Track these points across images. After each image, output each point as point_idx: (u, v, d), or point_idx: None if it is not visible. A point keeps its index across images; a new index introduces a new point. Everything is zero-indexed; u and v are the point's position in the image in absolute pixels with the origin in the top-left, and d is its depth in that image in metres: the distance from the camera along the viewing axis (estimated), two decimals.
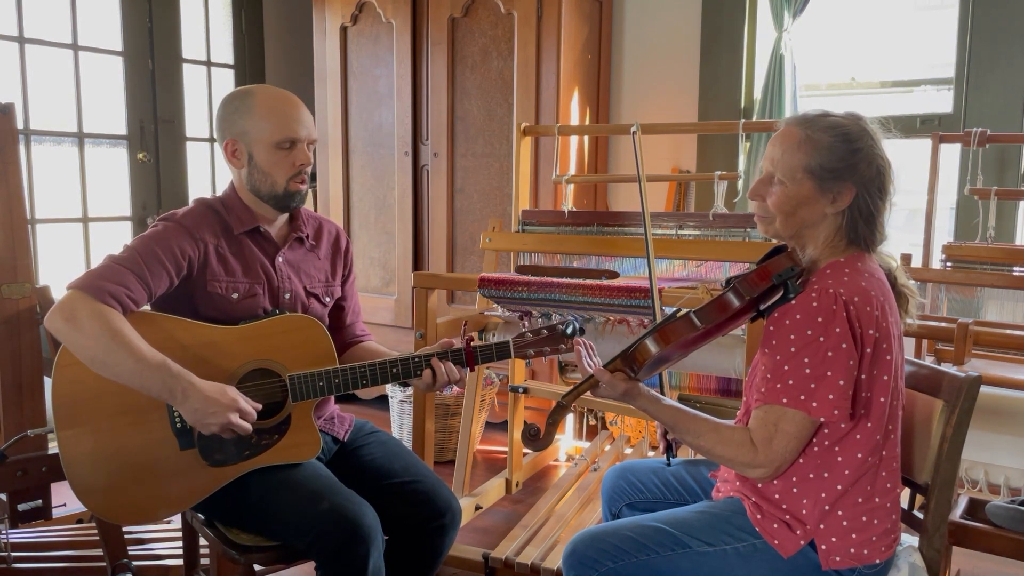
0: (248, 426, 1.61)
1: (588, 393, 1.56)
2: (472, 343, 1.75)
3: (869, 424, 1.42)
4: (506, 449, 3.16)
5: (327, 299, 1.91)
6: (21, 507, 2.26)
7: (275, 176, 1.76)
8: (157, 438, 1.65)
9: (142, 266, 1.63)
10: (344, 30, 3.95)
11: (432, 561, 1.83)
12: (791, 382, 1.39)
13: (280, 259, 1.83)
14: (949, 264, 2.88)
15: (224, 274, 1.74)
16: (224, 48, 4.27)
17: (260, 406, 1.63)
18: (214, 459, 1.67)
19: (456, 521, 1.83)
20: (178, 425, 1.65)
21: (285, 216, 1.87)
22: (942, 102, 3.39)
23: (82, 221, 3.70)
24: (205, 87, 4.17)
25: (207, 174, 4.23)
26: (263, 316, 1.76)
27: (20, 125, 3.13)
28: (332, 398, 1.94)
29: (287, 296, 1.82)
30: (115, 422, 1.63)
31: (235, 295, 1.75)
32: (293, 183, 1.76)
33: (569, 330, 1.74)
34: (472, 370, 1.78)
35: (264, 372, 1.71)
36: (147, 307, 1.70)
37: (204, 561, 2.07)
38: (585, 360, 1.54)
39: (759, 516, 1.47)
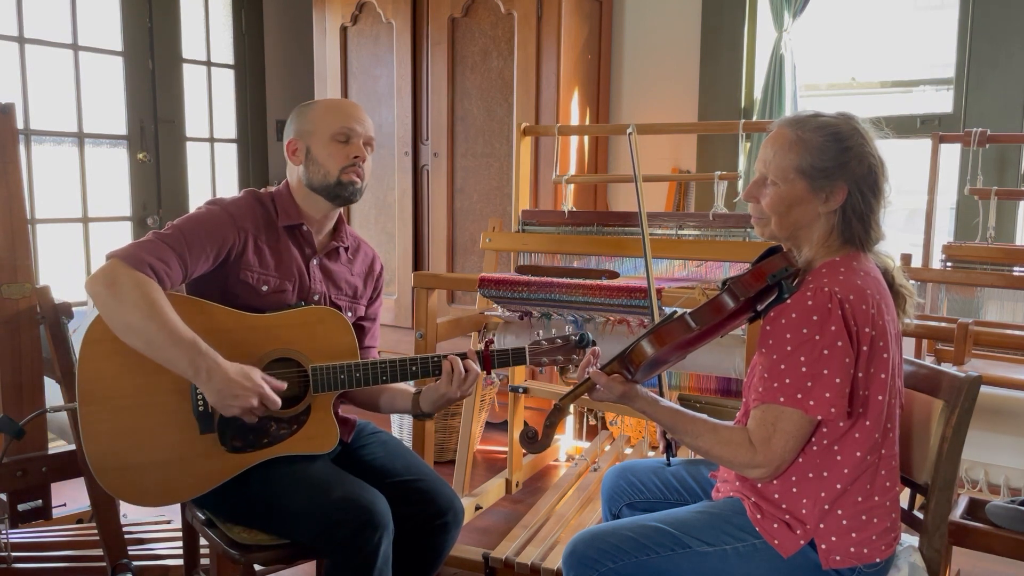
0: (276, 402, 1.61)
1: (586, 395, 1.56)
2: (490, 347, 1.77)
3: (867, 423, 1.43)
4: (506, 449, 3.16)
5: (349, 314, 1.92)
6: (21, 507, 2.26)
7: (329, 166, 1.80)
8: (178, 420, 1.66)
9: (184, 246, 1.66)
10: (344, 30, 3.95)
11: (434, 560, 1.83)
12: (788, 381, 1.39)
13: (315, 262, 1.85)
14: (949, 264, 2.88)
15: (258, 265, 1.77)
16: (224, 48, 4.27)
17: (285, 385, 1.65)
18: (232, 445, 1.68)
19: (458, 520, 1.84)
20: (200, 409, 1.66)
21: (331, 224, 1.90)
22: (942, 102, 3.39)
23: (82, 221, 3.70)
24: (205, 87, 4.17)
25: (207, 174, 4.23)
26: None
27: (20, 125, 3.13)
28: (340, 400, 1.96)
29: (316, 298, 1.85)
30: (137, 401, 1.64)
31: (264, 287, 1.77)
32: (346, 173, 1.80)
33: (583, 342, 1.77)
34: (488, 373, 1.80)
35: (287, 362, 1.72)
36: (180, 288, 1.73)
37: (204, 561, 2.07)
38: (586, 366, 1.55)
39: (759, 516, 1.47)
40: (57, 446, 2.26)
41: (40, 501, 2.29)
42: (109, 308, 1.58)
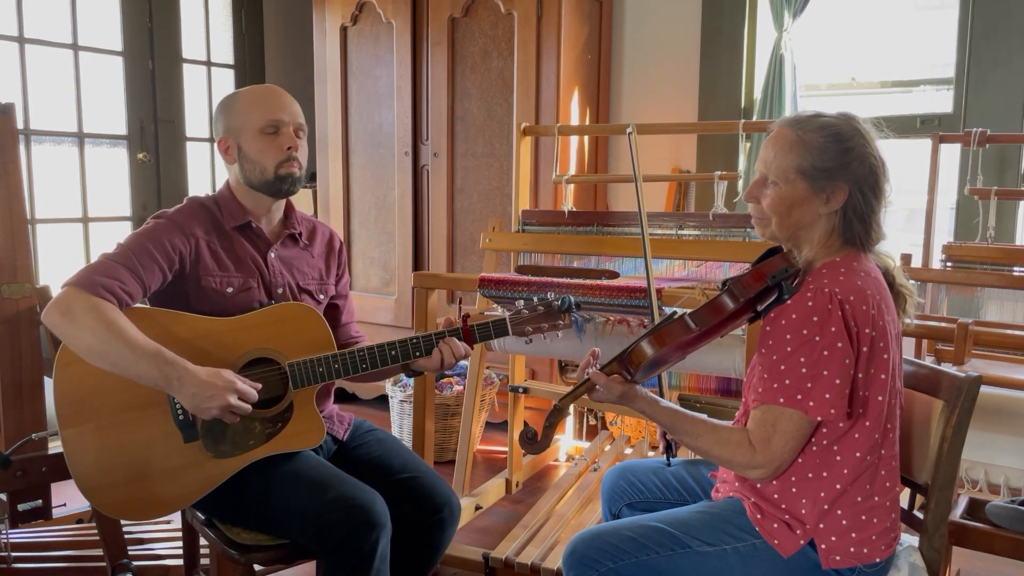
0: (247, 406, 1.61)
1: (586, 396, 1.56)
2: (469, 320, 1.76)
3: (867, 423, 1.43)
4: (506, 449, 3.16)
5: (321, 296, 1.92)
6: (21, 507, 2.26)
7: (264, 162, 1.78)
8: (161, 432, 1.65)
9: (134, 261, 1.65)
10: (344, 30, 3.95)
11: (431, 556, 1.84)
12: (788, 382, 1.39)
13: (272, 255, 1.85)
14: (949, 264, 2.88)
15: (217, 269, 1.76)
16: (224, 48, 4.27)
17: (260, 385, 1.64)
18: (219, 450, 1.67)
19: (455, 516, 1.84)
20: (181, 418, 1.65)
21: (279, 214, 1.89)
22: (942, 102, 3.39)
23: (82, 221, 3.70)
24: (205, 87, 4.17)
25: (207, 174, 4.23)
26: (258, 308, 1.78)
27: (20, 125, 3.13)
28: (332, 397, 1.96)
29: (280, 291, 1.84)
30: (118, 419, 1.63)
31: (229, 289, 1.76)
32: (283, 167, 1.78)
33: (565, 305, 1.74)
34: (471, 347, 1.79)
35: (263, 361, 1.72)
36: (145, 303, 1.72)
37: (204, 561, 2.07)
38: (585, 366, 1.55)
39: (759, 516, 1.47)
40: (57, 446, 2.26)
41: (40, 501, 2.29)
42: (68, 336, 1.58)
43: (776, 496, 1.47)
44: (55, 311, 1.58)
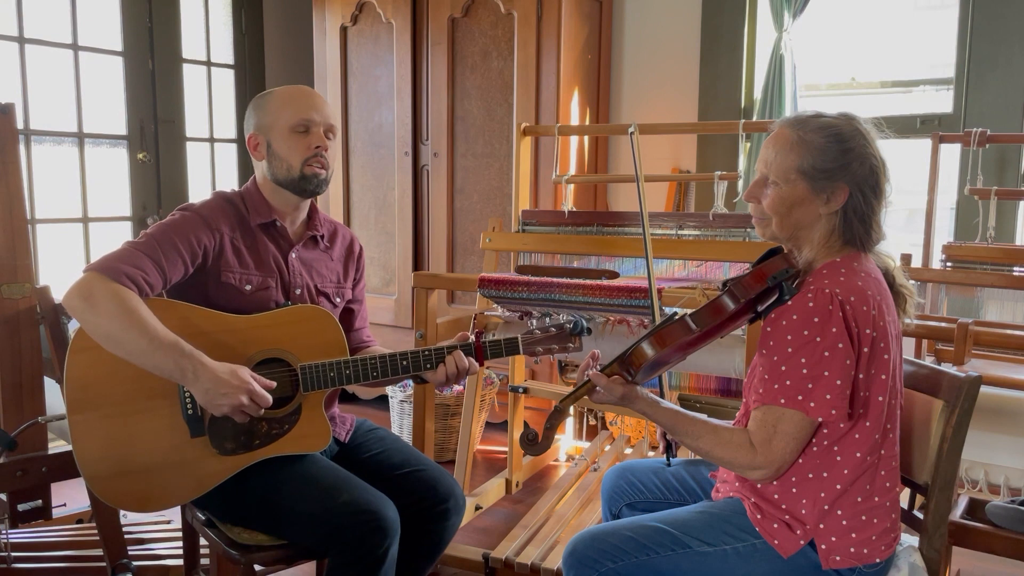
0: (266, 398, 1.60)
1: (587, 397, 1.56)
2: (483, 337, 1.76)
3: (868, 423, 1.43)
4: (506, 449, 3.16)
5: (337, 299, 1.92)
6: (21, 507, 2.26)
7: (291, 160, 1.78)
8: (168, 425, 1.65)
9: (158, 252, 1.65)
10: (344, 30, 3.95)
11: (435, 547, 1.84)
12: (788, 383, 1.39)
13: (293, 255, 1.85)
14: (949, 264, 2.88)
15: (238, 266, 1.76)
16: (224, 48, 4.27)
17: (274, 384, 1.64)
18: (224, 448, 1.67)
19: (459, 506, 1.84)
20: (189, 412, 1.65)
21: (303, 214, 1.89)
22: (942, 102, 3.39)
23: (82, 221, 3.70)
24: (205, 87, 4.17)
25: (207, 174, 4.22)
26: (275, 308, 1.78)
27: (20, 125, 3.13)
28: (337, 400, 1.95)
29: (298, 292, 1.84)
30: (126, 408, 1.63)
31: (248, 287, 1.77)
32: (308, 167, 1.79)
33: (577, 329, 1.76)
34: (481, 365, 1.79)
35: (276, 361, 1.72)
36: (162, 294, 1.72)
37: (204, 561, 2.07)
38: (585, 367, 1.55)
39: (759, 516, 1.47)
40: (57, 446, 2.26)
41: (40, 501, 2.29)
42: (88, 321, 1.58)
43: (776, 496, 1.47)
44: (76, 295, 1.58)
